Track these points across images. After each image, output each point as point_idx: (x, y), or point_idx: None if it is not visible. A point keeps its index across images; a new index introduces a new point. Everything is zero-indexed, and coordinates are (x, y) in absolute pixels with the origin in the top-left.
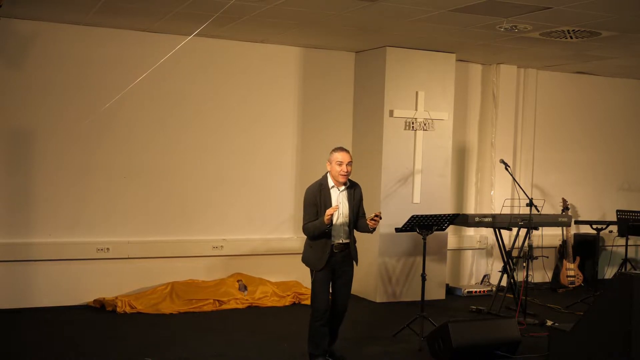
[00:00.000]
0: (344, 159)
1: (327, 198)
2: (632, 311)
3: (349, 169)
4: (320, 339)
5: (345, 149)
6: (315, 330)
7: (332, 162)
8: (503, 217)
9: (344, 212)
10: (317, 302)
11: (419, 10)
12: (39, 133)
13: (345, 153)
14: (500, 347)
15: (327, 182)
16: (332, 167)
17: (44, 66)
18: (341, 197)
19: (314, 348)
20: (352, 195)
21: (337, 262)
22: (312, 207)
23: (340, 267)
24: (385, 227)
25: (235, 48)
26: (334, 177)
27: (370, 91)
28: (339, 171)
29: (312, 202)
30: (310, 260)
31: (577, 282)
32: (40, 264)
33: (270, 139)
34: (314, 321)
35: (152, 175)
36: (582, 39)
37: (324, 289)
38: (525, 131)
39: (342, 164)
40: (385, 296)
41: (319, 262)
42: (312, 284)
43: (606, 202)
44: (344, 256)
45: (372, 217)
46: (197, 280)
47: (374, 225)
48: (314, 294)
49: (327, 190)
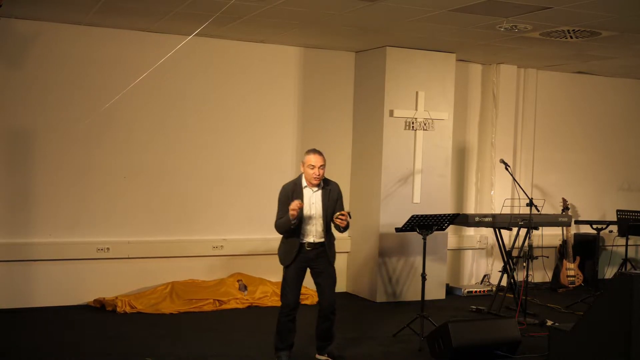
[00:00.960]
0: (317, 162)
1: (300, 197)
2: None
3: (321, 172)
4: (287, 334)
5: (318, 152)
6: (282, 324)
7: (305, 164)
8: (503, 217)
9: (317, 212)
10: (286, 298)
11: (419, 10)
12: (39, 133)
13: (317, 156)
14: (500, 347)
15: (301, 182)
16: (304, 169)
17: (44, 66)
18: (314, 198)
19: (280, 342)
20: (326, 195)
21: (310, 260)
22: (284, 205)
23: (317, 266)
24: (385, 227)
25: (235, 48)
26: (307, 179)
27: (370, 91)
28: (311, 174)
29: (285, 200)
30: (280, 256)
31: (577, 282)
32: (40, 264)
33: (271, 138)
34: (281, 316)
35: (152, 175)
36: (582, 39)
37: (293, 285)
38: (525, 131)
39: (315, 167)
40: (385, 296)
41: (287, 258)
42: (283, 280)
43: (606, 202)
44: (319, 255)
45: (338, 215)
46: (197, 280)
47: (341, 223)
48: (283, 289)
49: (301, 189)
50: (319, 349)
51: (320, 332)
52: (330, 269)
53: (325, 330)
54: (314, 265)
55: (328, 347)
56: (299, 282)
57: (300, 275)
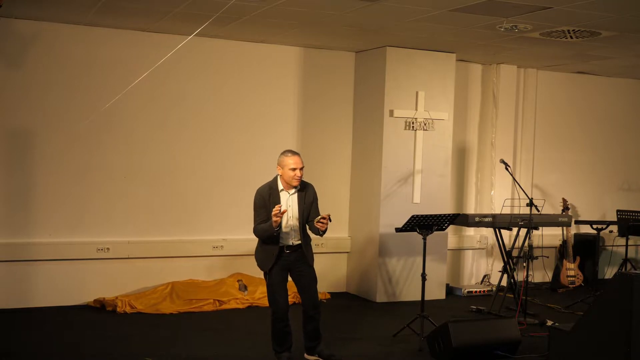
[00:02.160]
0: (297, 164)
1: (277, 200)
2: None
3: (301, 174)
4: (284, 338)
5: (297, 153)
6: (277, 331)
7: (284, 167)
8: (503, 217)
9: (293, 214)
10: (276, 304)
11: (419, 10)
12: (39, 133)
13: (298, 158)
14: (500, 347)
15: (277, 185)
16: (284, 171)
17: (44, 66)
18: (291, 200)
19: (278, 345)
20: (302, 197)
21: (290, 262)
22: (262, 209)
23: (297, 268)
24: (385, 227)
25: (235, 48)
26: (287, 181)
27: (370, 91)
28: (292, 176)
29: (261, 204)
30: (260, 262)
31: (577, 282)
32: (40, 264)
33: (271, 138)
34: (275, 323)
35: (152, 175)
36: (582, 39)
37: (280, 290)
38: (525, 131)
39: (296, 169)
40: (385, 296)
41: (267, 263)
42: (267, 287)
43: (606, 202)
44: (298, 257)
45: (319, 219)
46: (197, 280)
47: (322, 227)
48: (271, 296)
49: (277, 193)
50: (307, 350)
51: (307, 333)
52: (310, 269)
53: (312, 330)
54: (293, 267)
55: (317, 347)
56: (284, 285)
57: (284, 278)
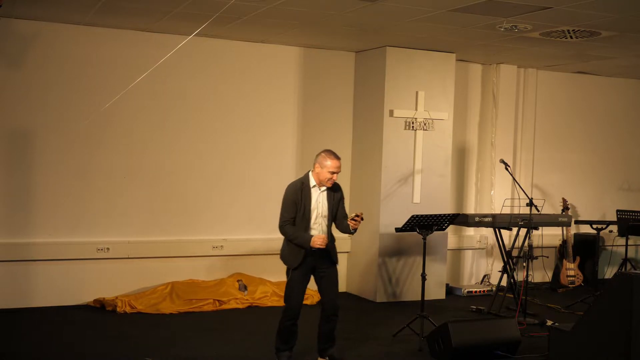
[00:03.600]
0: (337, 169)
1: (308, 197)
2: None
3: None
4: (289, 337)
5: (339, 158)
6: (285, 328)
7: (324, 167)
8: (503, 217)
9: (322, 212)
10: (291, 301)
11: (419, 10)
12: (39, 133)
13: (339, 163)
14: (500, 347)
15: (308, 181)
16: (322, 171)
17: (44, 66)
18: (321, 197)
19: (282, 343)
20: (331, 195)
21: (315, 261)
22: (292, 205)
23: (321, 267)
24: (385, 227)
25: (235, 48)
26: (321, 181)
27: (370, 91)
28: (328, 178)
29: (292, 199)
30: (286, 258)
31: (577, 282)
32: (40, 264)
33: (271, 138)
34: (285, 320)
35: (152, 175)
36: (582, 39)
37: (299, 288)
38: (525, 131)
39: (335, 173)
40: (385, 296)
41: (295, 260)
42: (288, 283)
43: (606, 202)
44: (323, 256)
45: (353, 216)
46: (197, 280)
47: (354, 225)
48: (288, 292)
49: (308, 189)
50: (320, 352)
51: (322, 334)
52: (333, 270)
53: (328, 332)
54: (318, 266)
55: (330, 349)
56: (304, 286)
57: (306, 278)
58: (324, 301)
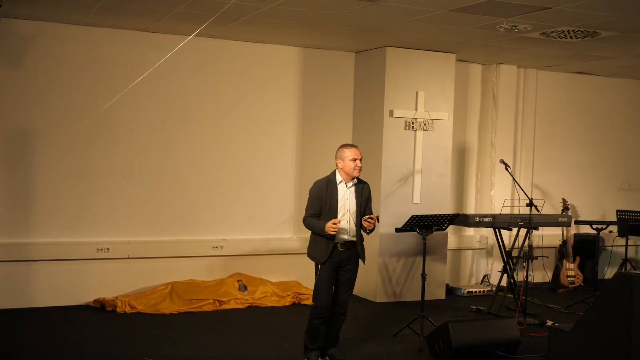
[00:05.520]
0: (357, 154)
1: (334, 193)
2: (632, 311)
3: (361, 164)
4: (317, 335)
5: (355, 145)
6: (314, 327)
7: (345, 159)
8: (503, 217)
9: (350, 208)
10: (320, 299)
11: (419, 10)
12: (39, 133)
13: (356, 149)
14: (500, 347)
15: (335, 177)
16: (345, 163)
17: (44, 66)
18: (348, 194)
19: (311, 342)
20: (360, 191)
21: (342, 259)
22: (316, 201)
23: (345, 266)
24: (385, 227)
25: (235, 48)
26: (348, 172)
27: (370, 91)
28: (353, 167)
29: (317, 195)
30: (313, 254)
31: (577, 282)
32: (40, 264)
33: (271, 139)
34: (314, 318)
35: (152, 175)
36: (582, 39)
37: (328, 287)
38: (525, 131)
39: (356, 159)
40: (385, 296)
41: (322, 255)
42: (317, 281)
43: (606, 202)
44: (351, 255)
45: (367, 218)
46: (197, 280)
47: (368, 226)
48: (317, 291)
49: (335, 185)
50: (322, 350)
51: (328, 331)
52: (355, 270)
53: (333, 330)
54: (343, 265)
55: (331, 349)
56: (331, 285)
57: (333, 275)
58: (336, 297)
